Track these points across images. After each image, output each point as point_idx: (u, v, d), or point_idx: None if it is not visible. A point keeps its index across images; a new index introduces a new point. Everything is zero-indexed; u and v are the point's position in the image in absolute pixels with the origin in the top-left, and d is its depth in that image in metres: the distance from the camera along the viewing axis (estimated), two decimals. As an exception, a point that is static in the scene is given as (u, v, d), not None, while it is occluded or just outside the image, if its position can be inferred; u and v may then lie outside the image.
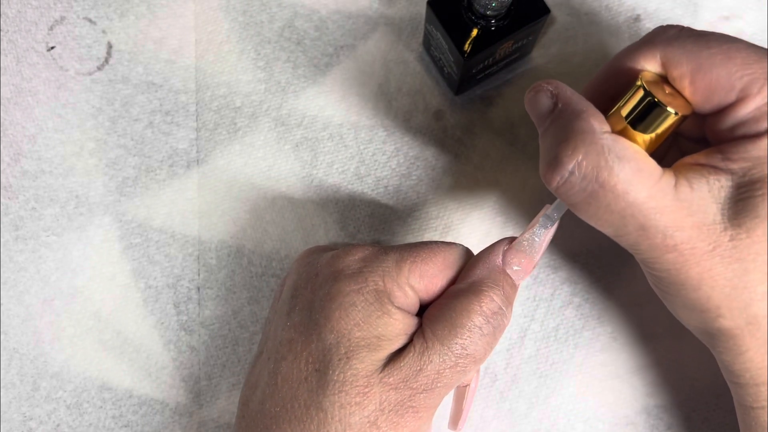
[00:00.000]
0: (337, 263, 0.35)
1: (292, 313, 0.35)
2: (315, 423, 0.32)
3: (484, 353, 0.33)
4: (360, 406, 0.32)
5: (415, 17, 0.47)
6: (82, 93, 0.47)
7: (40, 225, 0.45)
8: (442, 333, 0.32)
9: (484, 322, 0.32)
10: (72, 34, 0.48)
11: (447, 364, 0.32)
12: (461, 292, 0.33)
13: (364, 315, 0.33)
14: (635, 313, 0.44)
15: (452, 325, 0.32)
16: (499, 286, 0.34)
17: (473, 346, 0.32)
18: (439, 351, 0.32)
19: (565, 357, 0.44)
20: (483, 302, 0.33)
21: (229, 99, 0.47)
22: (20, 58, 0.47)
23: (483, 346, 0.33)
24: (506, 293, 0.34)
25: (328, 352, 0.32)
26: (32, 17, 0.48)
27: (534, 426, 0.43)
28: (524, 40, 0.43)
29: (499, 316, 0.33)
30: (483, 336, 0.32)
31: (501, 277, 0.34)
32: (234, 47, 0.47)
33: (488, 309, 0.33)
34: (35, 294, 0.45)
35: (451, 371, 0.32)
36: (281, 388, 0.33)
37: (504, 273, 0.34)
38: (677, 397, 0.43)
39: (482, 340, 0.33)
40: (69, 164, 0.46)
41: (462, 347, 0.32)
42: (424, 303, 0.35)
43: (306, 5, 0.48)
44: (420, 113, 0.46)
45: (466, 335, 0.32)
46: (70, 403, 0.44)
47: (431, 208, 0.45)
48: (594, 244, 0.45)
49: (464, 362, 0.32)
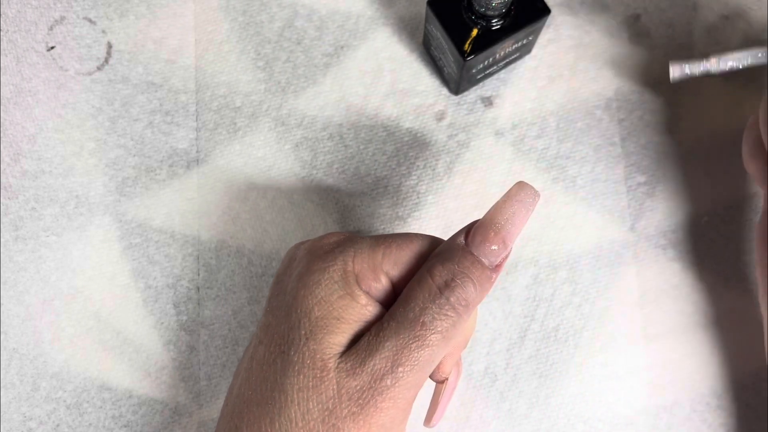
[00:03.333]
0: (313, 246, 0.34)
1: (272, 299, 0.34)
2: (277, 406, 0.30)
3: (447, 328, 0.30)
4: (316, 390, 0.30)
5: (415, 17, 0.47)
6: (82, 93, 0.47)
7: (40, 225, 0.45)
8: (395, 310, 0.31)
9: (438, 293, 0.30)
10: (72, 34, 0.48)
11: (404, 341, 0.30)
12: (418, 273, 0.32)
13: (326, 293, 0.31)
14: (635, 313, 0.44)
15: (405, 301, 0.31)
16: (452, 259, 0.31)
17: (428, 317, 0.30)
18: (395, 328, 0.30)
19: (565, 357, 0.44)
20: (434, 274, 0.31)
21: (229, 99, 0.47)
22: (20, 57, 0.47)
23: (442, 318, 0.30)
24: (463, 267, 0.31)
25: (291, 331, 0.31)
26: (32, 17, 0.48)
27: (534, 426, 0.43)
28: (524, 40, 0.43)
29: (457, 289, 0.30)
30: (439, 308, 0.30)
31: (458, 252, 0.31)
32: (234, 47, 0.47)
33: (440, 279, 0.31)
34: (35, 294, 0.45)
35: (410, 350, 0.30)
36: (255, 372, 0.32)
37: (463, 249, 0.31)
38: (677, 398, 0.43)
39: (439, 312, 0.30)
40: (69, 164, 0.46)
41: (415, 320, 0.30)
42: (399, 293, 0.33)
43: (306, 5, 0.48)
44: (420, 113, 0.46)
45: (418, 307, 0.30)
46: (69, 403, 0.44)
47: (431, 208, 0.45)
48: (594, 244, 0.45)
49: (423, 335, 0.30)
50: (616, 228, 0.45)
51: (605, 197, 0.45)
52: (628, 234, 0.45)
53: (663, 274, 0.44)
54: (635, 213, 0.45)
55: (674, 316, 0.44)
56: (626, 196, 0.45)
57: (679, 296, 0.44)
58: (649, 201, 0.45)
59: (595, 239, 0.45)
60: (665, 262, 0.45)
